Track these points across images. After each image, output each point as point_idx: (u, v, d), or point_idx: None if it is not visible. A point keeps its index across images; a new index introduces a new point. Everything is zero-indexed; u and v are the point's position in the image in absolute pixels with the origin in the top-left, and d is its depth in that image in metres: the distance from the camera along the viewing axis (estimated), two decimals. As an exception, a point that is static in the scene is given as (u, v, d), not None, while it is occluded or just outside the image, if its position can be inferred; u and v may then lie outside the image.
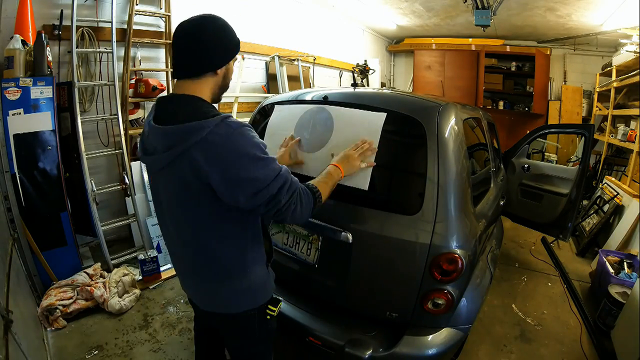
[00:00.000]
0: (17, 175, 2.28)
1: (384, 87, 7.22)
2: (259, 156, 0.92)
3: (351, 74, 6.19)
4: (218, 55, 0.98)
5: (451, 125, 1.51)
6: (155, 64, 3.48)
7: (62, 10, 2.72)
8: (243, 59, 4.05)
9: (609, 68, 5.21)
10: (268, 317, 1.17)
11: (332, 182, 1.22)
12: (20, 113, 2.31)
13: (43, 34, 2.39)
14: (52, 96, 2.42)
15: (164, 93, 3.41)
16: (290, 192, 0.98)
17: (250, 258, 1.08)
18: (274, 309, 1.18)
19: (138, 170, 3.24)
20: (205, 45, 0.95)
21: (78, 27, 2.73)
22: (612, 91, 4.97)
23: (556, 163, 5.35)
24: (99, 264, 2.71)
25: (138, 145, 1.11)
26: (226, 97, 4.04)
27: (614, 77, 4.91)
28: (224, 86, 1.05)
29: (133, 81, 3.20)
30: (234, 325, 1.16)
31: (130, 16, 3.03)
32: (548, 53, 6.50)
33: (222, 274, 1.06)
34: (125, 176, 3.01)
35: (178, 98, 0.98)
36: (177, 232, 1.06)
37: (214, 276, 1.07)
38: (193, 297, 1.22)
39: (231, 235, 1.02)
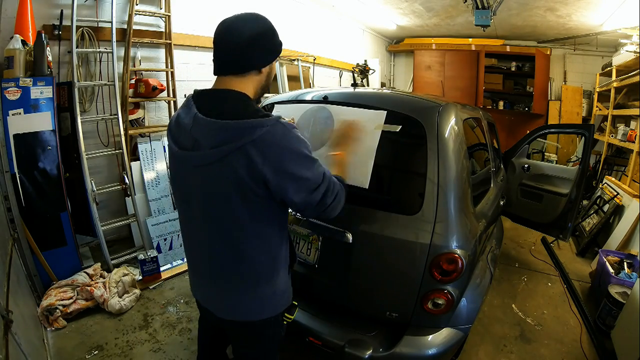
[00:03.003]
0: (17, 175, 2.28)
1: (384, 87, 7.22)
2: (311, 157, 0.96)
3: (351, 74, 6.18)
4: (264, 54, 0.99)
5: (451, 125, 1.51)
6: (155, 64, 3.48)
7: (62, 10, 2.72)
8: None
9: (609, 68, 5.21)
10: (285, 322, 1.16)
11: (344, 168, 1.38)
12: (20, 113, 2.31)
13: (43, 34, 2.39)
14: (52, 96, 2.42)
15: (164, 93, 3.41)
16: (334, 192, 1.03)
17: (278, 263, 1.07)
18: (290, 316, 1.16)
19: (138, 170, 3.24)
20: (253, 43, 0.95)
21: (78, 27, 2.73)
22: (612, 91, 4.97)
23: (556, 163, 5.35)
24: (99, 264, 2.71)
25: (168, 136, 1.06)
26: (226, 97, 4.05)
27: (614, 77, 4.92)
28: (266, 86, 1.06)
29: (133, 81, 3.20)
30: (249, 332, 1.12)
31: (130, 16, 3.03)
32: (548, 53, 6.50)
33: (251, 279, 1.03)
34: (125, 176, 3.01)
35: (224, 93, 0.97)
36: (210, 232, 1.01)
37: (241, 280, 1.03)
38: (208, 302, 1.15)
39: (267, 238, 1.01)
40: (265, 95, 1.22)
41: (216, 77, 1.01)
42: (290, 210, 1.42)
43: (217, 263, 1.04)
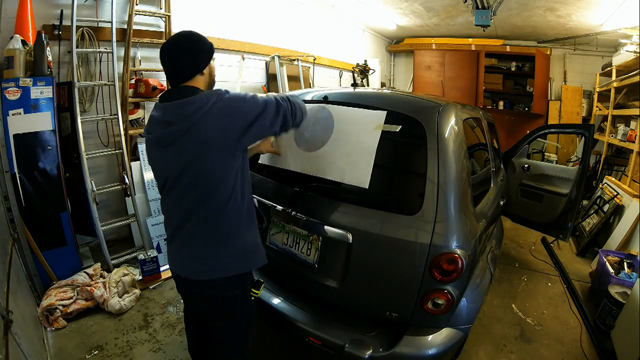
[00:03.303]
0: (17, 175, 2.28)
1: (384, 87, 7.22)
2: (257, 95, 1.22)
3: (351, 74, 6.18)
4: (201, 58, 1.22)
5: (451, 125, 1.51)
6: (155, 64, 3.48)
7: (62, 10, 2.72)
8: (243, 59, 4.05)
9: (609, 68, 5.21)
10: (252, 298, 1.31)
11: None
12: (20, 113, 2.31)
13: (43, 34, 2.39)
14: (52, 96, 2.42)
15: (164, 93, 3.41)
16: (285, 99, 1.28)
17: (244, 218, 1.24)
18: (257, 291, 1.32)
19: (138, 170, 3.24)
20: (186, 55, 1.20)
21: (78, 27, 2.73)
22: (612, 91, 4.98)
23: (556, 163, 5.35)
24: (99, 264, 2.71)
25: (144, 132, 1.26)
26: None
27: (614, 77, 4.92)
28: (211, 82, 1.28)
29: (133, 81, 3.20)
30: (219, 304, 1.28)
31: (130, 16, 3.03)
32: (548, 53, 6.50)
33: (222, 232, 1.20)
34: (125, 176, 3.01)
35: (183, 88, 1.19)
36: (183, 198, 1.19)
37: (214, 235, 1.20)
38: (185, 267, 1.27)
39: (233, 192, 1.18)
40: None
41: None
42: (287, 208, 1.63)
43: (191, 223, 1.21)
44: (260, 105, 1.19)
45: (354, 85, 2.20)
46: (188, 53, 1.19)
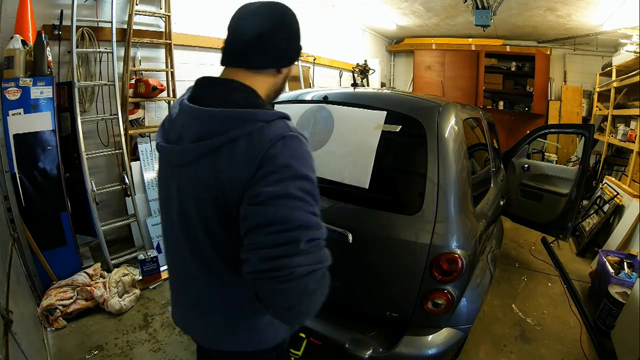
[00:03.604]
0: (17, 175, 2.28)
1: (384, 87, 7.22)
2: (309, 185, 0.68)
3: (351, 74, 6.18)
4: (291, 51, 0.83)
5: (451, 125, 1.51)
6: (155, 64, 3.48)
7: (62, 10, 2.72)
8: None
9: (609, 68, 5.20)
10: (292, 358, 0.98)
11: None
12: (20, 113, 2.31)
13: (43, 34, 2.39)
14: (52, 96, 2.42)
15: (164, 93, 3.41)
16: (316, 260, 0.65)
17: None
18: (297, 352, 0.99)
19: (138, 170, 3.24)
20: (281, 36, 0.78)
21: (78, 27, 2.73)
22: (612, 91, 4.97)
23: (556, 163, 5.35)
24: (99, 264, 2.71)
25: (158, 132, 0.87)
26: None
27: (614, 77, 4.91)
28: (279, 90, 0.87)
29: (133, 81, 3.20)
30: None
31: (130, 16, 3.03)
32: (548, 53, 6.50)
33: (234, 311, 0.84)
34: (125, 176, 3.01)
35: (228, 83, 0.78)
36: (188, 248, 0.81)
37: (231, 308, 0.84)
38: (194, 332, 0.94)
39: None
40: None
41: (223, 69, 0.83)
42: None
43: (201, 285, 0.84)
44: (300, 197, 0.66)
45: (354, 85, 2.20)
46: (279, 29, 0.78)
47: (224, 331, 0.85)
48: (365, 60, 6.29)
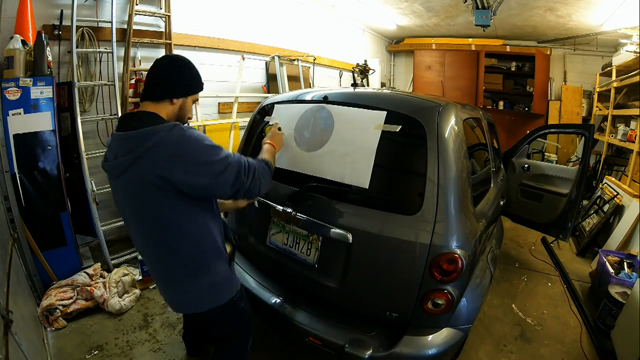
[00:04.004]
0: (17, 175, 2.28)
1: (384, 87, 7.22)
2: (210, 145, 1.08)
3: (351, 74, 6.19)
4: (177, 86, 1.16)
5: (451, 125, 1.51)
6: (155, 64, 3.48)
7: (62, 10, 2.72)
8: (243, 59, 4.05)
9: (609, 68, 5.21)
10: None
11: (272, 153, 1.42)
12: (20, 113, 2.31)
13: (43, 34, 2.39)
14: (52, 96, 2.42)
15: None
16: (251, 173, 1.15)
17: (210, 255, 1.19)
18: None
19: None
20: (168, 75, 1.15)
21: (78, 27, 2.73)
22: (612, 91, 4.98)
23: (556, 163, 5.35)
24: (99, 264, 2.71)
25: (104, 159, 1.19)
26: (226, 97, 4.05)
27: (614, 77, 4.92)
28: (178, 118, 1.19)
29: (133, 81, 3.20)
30: (206, 320, 1.30)
31: (130, 16, 3.03)
32: (548, 53, 6.50)
33: (185, 272, 1.17)
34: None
35: (139, 114, 1.13)
36: (141, 236, 1.17)
37: (177, 275, 1.18)
38: (166, 300, 1.30)
39: (191, 231, 1.13)
40: (266, 95, 1.27)
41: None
42: (287, 208, 1.61)
43: (157, 262, 1.19)
44: (220, 158, 1.08)
45: (354, 85, 2.21)
46: (169, 71, 1.15)
47: (183, 295, 1.22)
48: (365, 60, 6.29)
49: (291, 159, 1.65)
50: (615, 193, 3.63)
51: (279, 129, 1.61)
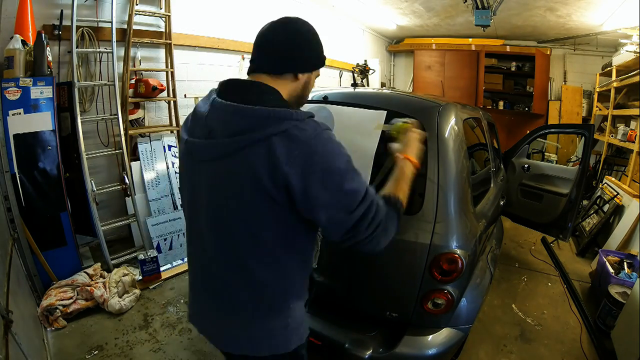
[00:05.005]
0: (17, 175, 2.28)
1: (384, 87, 7.22)
2: (350, 167, 0.78)
3: (351, 74, 6.18)
4: (305, 58, 0.91)
5: (451, 125, 1.51)
6: (155, 64, 3.48)
7: (62, 10, 2.72)
8: (243, 59, 4.05)
9: (609, 68, 5.20)
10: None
11: (408, 181, 1.01)
12: (20, 113, 2.31)
13: (43, 34, 2.39)
14: (52, 96, 2.42)
15: (164, 93, 3.41)
16: (375, 222, 0.81)
17: (295, 291, 0.91)
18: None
19: (138, 170, 3.24)
20: (297, 44, 0.88)
21: (78, 27, 2.73)
22: (612, 91, 4.97)
23: (556, 163, 5.35)
24: (99, 264, 2.71)
25: (182, 127, 0.93)
26: (226, 97, 4.05)
27: (614, 77, 4.91)
28: (301, 97, 0.94)
29: (133, 81, 3.20)
30: None
31: (130, 16, 3.03)
32: (548, 53, 6.50)
33: (263, 306, 0.86)
34: (125, 176, 3.01)
35: (253, 84, 0.85)
36: (215, 243, 0.86)
37: (251, 307, 0.86)
38: (209, 331, 0.97)
39: (283, 259, 0.84)
40: None
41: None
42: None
43: (220, 282, 0.88)
44: (357, 187, 0.79)
45: (354, 85, 2.20)
46: (295, 39, 0.88)
47: (243, 333, 0.88)
48: (365, 60, 6.29)
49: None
50: (615, 193, 3.63)
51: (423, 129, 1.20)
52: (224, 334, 0.92)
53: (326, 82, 5.98)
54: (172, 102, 3.51)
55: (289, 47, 0.88)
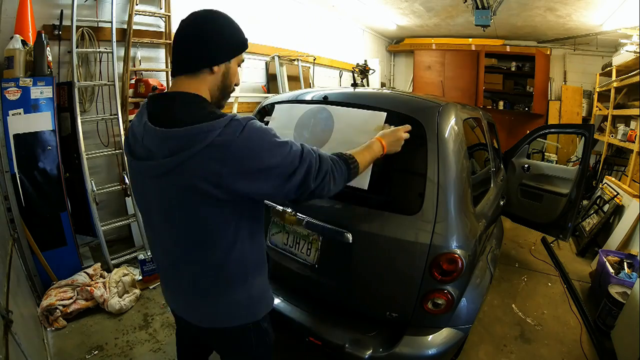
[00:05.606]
0: (17, 175, 2.28)
1: (384, 87, 7.22)
2: (275, 142, 0.86)
3: (351, 74, 6.19)
4: (216, 50, 0.90)
5: (451, 125, 1.51)
6: (155, 64, 3.48)
7: (62, 10, 2.72)
8: (243, 59, 4.05)
9: (609, 68, 5.21)
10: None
11: (371, 154, 1.15)
12: (20, 113, 2.31)
13: (43, 34, 2.39)
14: (52, 96, 2.42)
15: (164, 93, 3.41)
16: (321, 174, 0.93)
17: (252, 266, 1.01)
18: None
19: (138, 170, 3.24)
20: (203, 38, 0.88)
21: (78, 27, 2.73)
22: (612, 91, 4.98)
23: (556, 163, 5.35)
24: (99, 264, 2.71)
25: (124, 146, 0.99)
26: (226, 97, 4.05)
27: (614, 77, 4.92)
28: (224, 88, 0.96)
29: (133, 81, 3.20)
30: (229, 339, 1.07)
31: (130, 16, 3.03)
32: (548, 53, 6.50)
33: (222, 284, 0.98)
34: (125, 176, 3.01)
35: (176, 96, 0.89)
36: (173, 242, 0.97)
37: (212, 287, 0.98)
38: (183, 312, 1.09)
39: (235, 242, 0.94)
40: (266, 95, 1.17)
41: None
42: (287, 208, 1.42)
43: (185, 271, 0.99)
44: (290, 159, 0.87)
45: (354, 85, 2.20)
46: (205, 34, 0.88)
47: (212, 309, 1.00)
48: (365, 60, 6.29)
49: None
50: (615, 193, 3.63)
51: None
52: (194, 312, 1.04)
53: (326, 82, 5.98)
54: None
55: (196, 41, 0.88)
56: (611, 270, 2.60)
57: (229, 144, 0.80)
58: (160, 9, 3.38)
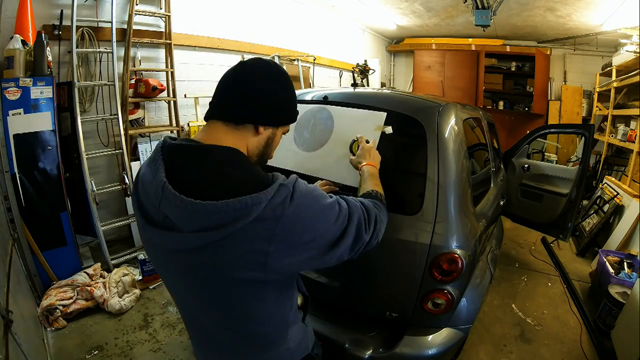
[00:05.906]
0: (17, 175, 2.28)
1: (384, 87, 7.22)
2: (325, 204, 0.75)
3: (351, 74, 6.18)
4: (269, 108, 0.79)
5: (451, 125, 1.51)
6: (155, 64, 3.48)
7: (62, 10, 2.72)
8: (243, 59, 4.05)
9: (609, 68, 5.21)
10: None
11: (378, 179, 1.19)
12: (20, 113, 2.31)
13: (43, 34, 2.39)
14: (52, 96, 2.42)
15: (164, 93, 3.41)
16: (372, 224, 0.86)
17: (288, 323, 0.90)
18: None
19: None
20: (260, 90, 0.78)
21: (78, 27, 2.74)
22: (612, 91, 4.98)
23: (556, 163, 5.35)
24: (99, 264, 2.71)
25: (132, 199, 0.84)
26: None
27: (614, 77, 4.92)
28: (263, 155, 0.84)
29: (133, 81, 3.20)
30: None
31: (130, 16, 3.03)
32: (548, 53, 6.50)
33: (262, 347, 0.87)
34: (125, 176, 3.01)
35: (204, 151, 0.73)
36: (204, 314, 0.84)
37: (251, 352, 0.87)
38: None
39: (275, 312, 0.83)
40: None
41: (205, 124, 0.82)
42: None
43: (222, 337, 0.87)
44: (342, 218, 0.78)
45: (354, 85, 2.20)
46: (260, 85, 0.78)
47: None
48: (365, 60, 6.28)
49: (290, 159, 1.65)
50: (615, 193, 3.63)
51: (367, 141, 1.32)
52: None
53: (326, 82, 5.98)
54: (172, 102, 3.51)
55: (250, 92, 0.77)
56: (611, 270, 2.60)
57: (278, 217, 0.66)
58: (160, 9, 3.38)
